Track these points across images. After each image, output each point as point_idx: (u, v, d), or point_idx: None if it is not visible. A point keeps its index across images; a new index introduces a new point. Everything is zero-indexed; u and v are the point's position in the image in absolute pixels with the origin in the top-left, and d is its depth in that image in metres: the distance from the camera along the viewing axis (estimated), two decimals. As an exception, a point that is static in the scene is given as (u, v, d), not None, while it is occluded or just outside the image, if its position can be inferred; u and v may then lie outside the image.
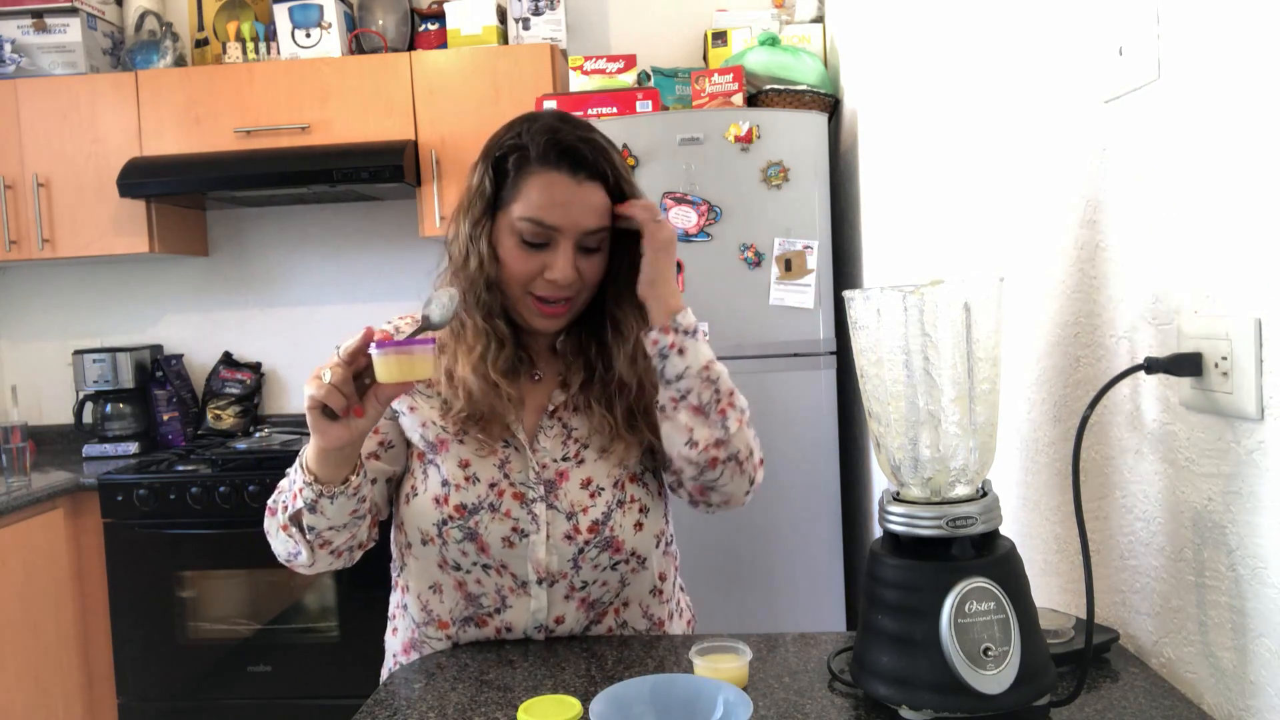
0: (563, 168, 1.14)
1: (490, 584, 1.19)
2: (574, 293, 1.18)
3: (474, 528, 1.17)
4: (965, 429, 0.91)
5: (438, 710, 1.01)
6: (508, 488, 1.19)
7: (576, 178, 1.14)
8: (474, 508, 1.17)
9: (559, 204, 1.14)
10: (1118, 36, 1.03)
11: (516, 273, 1.16)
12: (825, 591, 2.49)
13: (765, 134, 2.46)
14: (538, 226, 1.14)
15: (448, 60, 2.92)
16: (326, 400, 1.01)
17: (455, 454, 1.20)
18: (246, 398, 3.29)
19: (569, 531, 1.18)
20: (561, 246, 1.15)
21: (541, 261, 1.15)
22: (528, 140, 1.16)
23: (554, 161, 1.15)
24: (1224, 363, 0.86)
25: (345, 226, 3.32)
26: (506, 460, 1.20)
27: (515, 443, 1.21)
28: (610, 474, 1.22)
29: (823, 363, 2.48)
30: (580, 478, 1.21)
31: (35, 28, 2.99)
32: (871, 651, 0.93)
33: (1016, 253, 1.34)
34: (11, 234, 2.95)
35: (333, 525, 1.12)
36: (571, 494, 1.20)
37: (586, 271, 1.18)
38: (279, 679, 2.68)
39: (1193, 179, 0.92)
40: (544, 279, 1.16)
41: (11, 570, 2.50)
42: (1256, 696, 0.85)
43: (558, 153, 1.15)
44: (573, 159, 1.15)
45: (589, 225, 1.15)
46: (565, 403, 1.24)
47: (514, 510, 1.18)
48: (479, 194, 1.18)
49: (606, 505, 1.20)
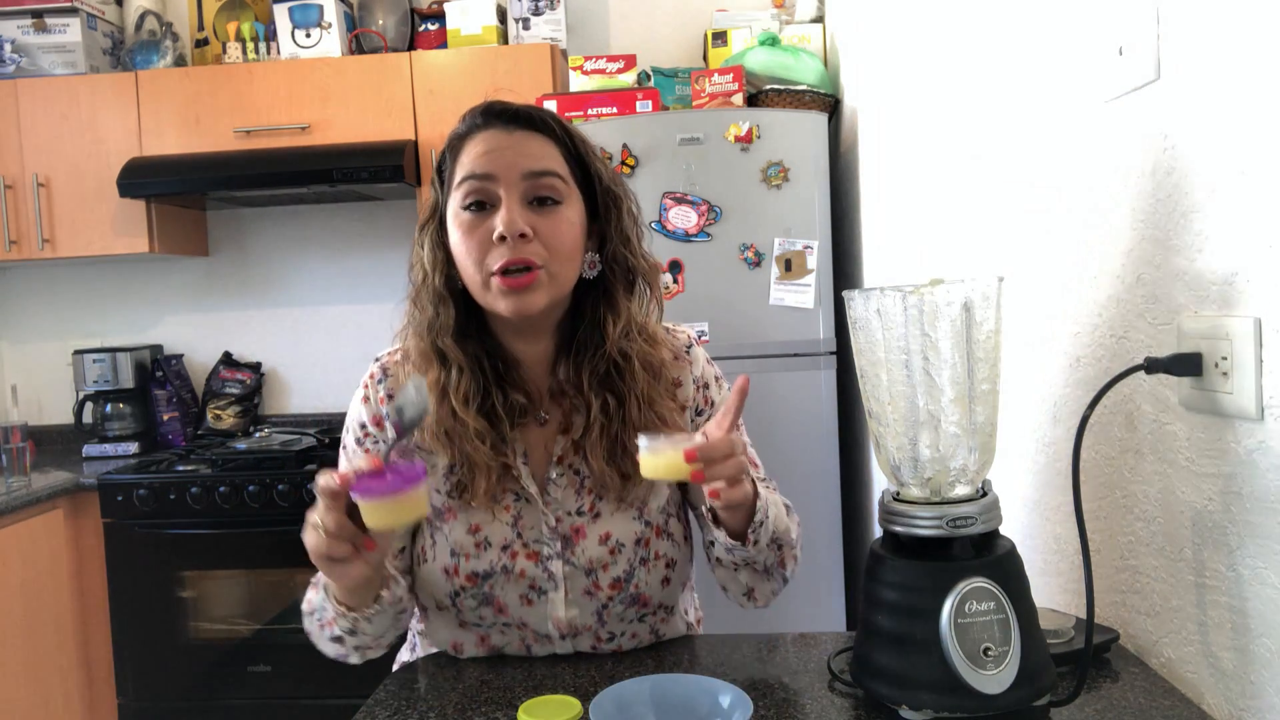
0: (491, 123, 1.07)
1: (513, 636, 1.14)
2: (535, 256, 1.03)
3: (489, 591, 1.11)
4: (965, 429, 0.91)
5: (438, 710, 1.01)
6: (521, 548, 1.11)
7: (508, 128, 1.06)
8: (486, 573, 1.10)
9: (490, 151, 1.04)
10: (1118, 36, 1.03)
11: (468, 250, 1.04)
12: (825, 591, 2.49)
13: (765, 134, 2.45)
14: (472, 181, 1.04)
15: (448, 60, 2.92)
16: (330, 554, 0.92)
17: (464, 520, 1.11)
18: (246, 398, 3.29)
19: (589, 587, 1.11)
20: (504, 197, 1.03)
21: (489, 225, 1.03)
22: (459, 125, 1.10)
23: (481, 123, 1.07)
24: (1224, 363, 0.86)
25: (345, 226, 3.32)
26: (519, 516, 1.11)
27: (526, 494, 1.11)
28: (631, 530, 1.12)
29: (823, 363, 2.48)
30: (598, 533, 1.11)
31: (35, 28, 2.98)
32: (871, 651, 0.93)
33: (1016, 253, 1.34)
34: (11, 234, 2.95)
35: (379, 636, 1.09)
36: (590, 550, 1.11)
37: (545, 228, 1.04)
38: (279, 679, 2.68)
39: (1192, 179, 0.92)
40: (494, 244, 1.02)
41: (11, 570, 2.50)
42: (1256, 697, 0.85)
43: (484, 113, 1.08)
44: (501, 110, 1.07)
45: (529, 167, 1.04)
46: (572, 447, 1.12)
47: (529, 570, 1.10)
48: (428, 205, 1.12)
49: (629, 563, 1.12)
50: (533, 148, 1.06)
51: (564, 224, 1.06)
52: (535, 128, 1.07)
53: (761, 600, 1.17)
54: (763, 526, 1.05)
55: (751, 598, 1.17)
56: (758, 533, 1.05)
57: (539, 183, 1.05)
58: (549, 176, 1.05)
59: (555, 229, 1.05)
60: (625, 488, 1.10)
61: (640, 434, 0.97)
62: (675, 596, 1.18)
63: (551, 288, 1.06)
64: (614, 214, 1.12)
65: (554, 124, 1.08)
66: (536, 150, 1.06)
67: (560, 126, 1.09)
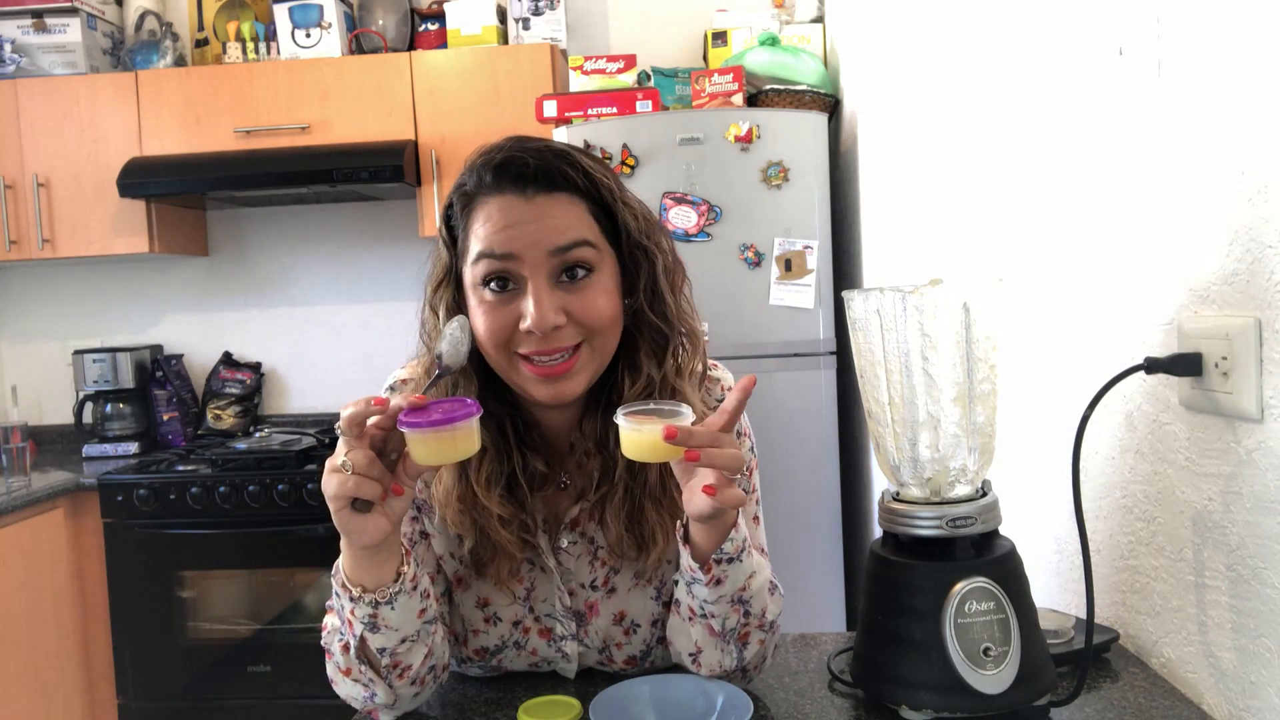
0: (504, 187, 0.92)
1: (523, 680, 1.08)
2: (571, 340, 0.92)
3: (498, 664, 1.06)
4: (965, 429, 0.91)
5: (438, 710, 1.01)
6: (533, 624, 1.04)
7: (525, 193, 0.92)
8: (496, 649, 1.05)
9: (509, 226, 0.91)
10: (1118, 36, 1.03)
11: (491, 333, 0.92)
12: (825, 591, 2.49)
13: (765, 134, 2.45)
14: (490, 261, 0.91)
15: (448, 60, 2.92)
16: (359, 493, 0.81)
17: (474, 592, 1.04)
18: (246, 398, 3.29)
19: (602, 661, 1.06)
20: (529, 278, 0.91)
21: (515, 310, 0.92)
22: (466, 175, 0.95)
23: (493, 184, 0.93)
24: (1224, 363, 0.86)
25: (345, 226, 3.32)
26: (532, 588, 1.03)
27: (541, 563, 1.03)
28: (648, 610, 1.03)
29: (823, 363, 2.48)
30: (612, 612, 1.03)
31: (35, 28, 2.98)
32: (871, 651, 0.93)
33: (1017, 253, 1.34)
34: (11, 234, 2.95)
35: (404, 637, 0.91)
36: (604, 630, 1.04)
37: (579, 308, 0.92)
38: (279, 679, 2.68)
39: (1192, 178, 0.92)
40: (521, 332, 0.91)
41: (11, 570, 2.50)
42: (1256, 696, 0.85)
43: (495, 172, 0.92)
44: (516, 173, 0.92)
45: (555, 243, 0.91)
46: (588, 512, 1.02)
47: (540, 649, 1.04)
48: (435, 260, 1.00)
49: (644, 643, 1.04)
50: (557, 216, 0.92)
51: (600, 295, 0.94)
52: (556, 187, 0.92)
53: (705, 670, 0.97)
54: (732, 564, 0.90)
55: (696, 662, 0.98)
56: (724, 567, 0.90)
57: (568, 256, 0.92)
58: (579, 248, 0.92)
59: (592, 305, 0.93)
60: (640, 559, 1.00)
61: (620, 410, 0.86)
62: None
63: (592, 364, 0.95)
64: (643, 268, 0.98)
65: (576, 176, 0.93)
66: (562, 219, 0.92)
67: (585, 177, 0.94)
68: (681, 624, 0.98)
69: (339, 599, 0.91)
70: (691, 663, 0.98)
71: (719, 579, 0.91)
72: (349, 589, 0.89)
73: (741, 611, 0.94)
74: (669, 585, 1.03)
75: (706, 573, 0.90)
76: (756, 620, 0.95)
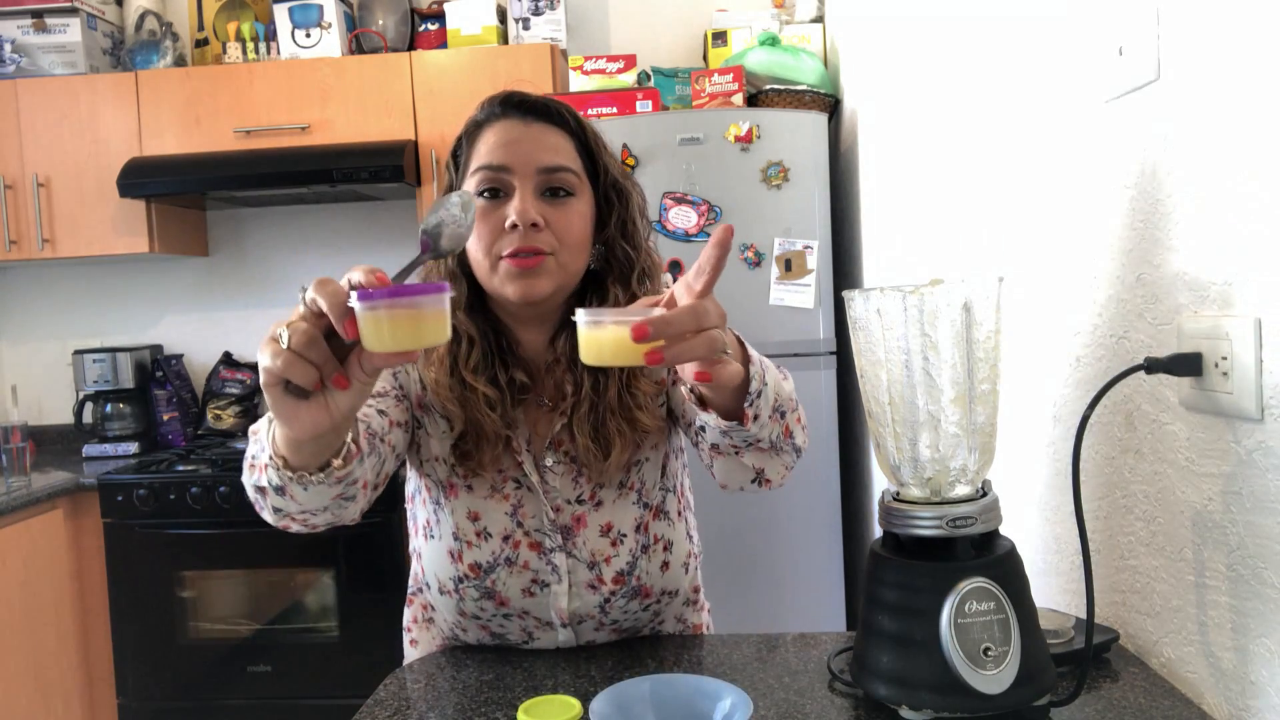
0: (509, 113, 1.08)
1: (514, 625, 1.15)
2: (545, 244, 1.04)
3: (491, 586, 1.11)
4: (965, 429, 0.91)
5: (438, 710, 1.01)
6: (522, 538, 1.11)
7: (525, 120, 1.07)
8: (489, 565, 1.11)
9: (506, 142, 1.06)
10: (1118, 36, 1.03)
11: (479, 235, 1.04)
12: (825, 591, 2.49)
13: (765, 134, 2.45)
14: (487, 171, 1.05)
15: (448, 60, 2.92)
16: (287, 374, 0.72)
17: (464, 503, 1.12)
18: (246, 398, 3.28)
19: (592, 581, 1.12)
20: (518, 187, 1.04)
21: (501, 214, 1.04)
22: (478, 111, 1.11)
23: (499, 112, 1.08)
24: (1224, 363, 0.86)
25: (345, 226, 3.32)
26: (519, 505, 1.12)
27: (527, 483, 1.12)
28: (631, 516, 1.13)
29: (823, 363, 2.48)
30: (599, 523, 1.12)
31: (35, 28, 2.99)
32: (871, 651, 0.93)
33: (1016, 253, 1.34)
34: (11, 234, 2.95)
35: (305, 510, 0.90)
36: (591, 542, 1.11)
37: (556, 219, 1.05)
38: (279, 679, 2.68)
39: (1192, 179, 0.92)
40: (506, 231, 1.03)
41: (11, 570, 2.50)
42: (1256, 696, 0.85)
43: (503, 102, 1.08)
44: (519, 101, 1.08)
45: (545, 162, 1.05)
46: (565, 430, 1.11)
47: (532, 562, 1.11)
48: (443, 187, 1.13)
49: (630, 554, 1.12)
50: (548, 141, 1.07)
51: (575, 216, 1.07)
52: (552, 120, 1.08)
53: (774, 480, 1.06)
54: (760, 396, 0.89)
55: (762, 480, 1.06)
56: (756, 405, 0.90)
57: (553, 177, 1.06)
58: (563, 172, 1.07)
59: (566, 220, 1.06)
60: (604, 466, 1.08)
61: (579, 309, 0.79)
62: (677, 581, 1.17)
63: (559, 275, 1.06)
64: (616, 207, 1.13)
65: (569, 117, 1.10)
66: (552, 144, 1.07)
67: (575, 120, 1.10)
68: (730, 461, 1.02)
69: (257, 442, 0.88)
70: (756, 484, 1.06)
71: (756, 414, 0.91)
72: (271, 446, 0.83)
73: (779, 416, 0.98)
74: (649, 487, 1.13)
75: (744, 422, 0.91)
76: (792, 414, 1.01)
